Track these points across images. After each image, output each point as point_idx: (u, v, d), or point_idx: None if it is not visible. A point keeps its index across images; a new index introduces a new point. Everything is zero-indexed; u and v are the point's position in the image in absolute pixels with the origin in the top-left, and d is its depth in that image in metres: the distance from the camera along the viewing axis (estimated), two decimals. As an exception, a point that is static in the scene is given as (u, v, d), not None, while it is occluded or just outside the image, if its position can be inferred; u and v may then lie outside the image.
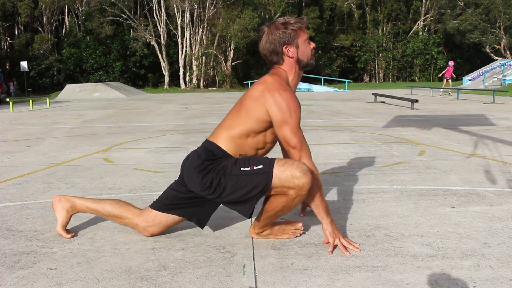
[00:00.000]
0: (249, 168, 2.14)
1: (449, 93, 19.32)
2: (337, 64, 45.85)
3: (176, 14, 36.39)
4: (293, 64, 2.29)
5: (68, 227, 2.58)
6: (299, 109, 2.21)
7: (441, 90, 19.57)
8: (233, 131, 2.24)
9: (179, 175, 2.36)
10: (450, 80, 21.62)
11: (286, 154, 2.55)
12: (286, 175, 2.09)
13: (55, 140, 6.75)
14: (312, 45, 2.33)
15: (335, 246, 2.18)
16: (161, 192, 3.38)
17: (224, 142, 2.24)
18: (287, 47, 2.26)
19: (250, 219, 2.49)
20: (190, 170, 2.23)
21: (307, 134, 6.74)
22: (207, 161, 2.20)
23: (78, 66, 37.98)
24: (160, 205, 2.34)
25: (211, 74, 37.65)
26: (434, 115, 9.92)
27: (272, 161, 2.15)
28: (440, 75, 22.65)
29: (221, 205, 2.28)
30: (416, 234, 2.39)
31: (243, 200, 2.17)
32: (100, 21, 36.98)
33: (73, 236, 2.44)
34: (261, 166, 2.13)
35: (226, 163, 2.18)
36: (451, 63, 21.93)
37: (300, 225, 2.41)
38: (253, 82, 2.50)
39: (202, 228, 2.45)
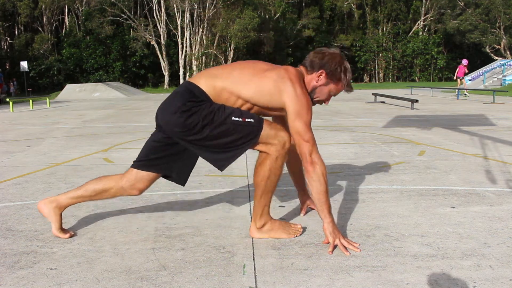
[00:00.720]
0: (240, 119, 2.16)
1: (465, 94, 18.12)
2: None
3: (176, 14, 36.41)
4: (311, 84, 2.33)
5: (67, 228, 2.58)
6: (311, 111, 2.25)
7: (457, 91, 17.98)
8: (225, 83, 2.21)
9: (156, 125, 2.34)
10: (463, 80, 20.23)
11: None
12: (271, 133, 2.20)
13: (55, 140, 6.75)
14: (328, 102, 2.42)
15: (335, 246, 2.18)
16: (161, 192, 3.40)
17: (207, 88, 2.20)
18: (325, 75, 2.30)
19: (250, 220, 2.49)
20: (171, 111, 2.18)
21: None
22: (190, 102, 2.16)
23: (78, 66, 38.00)
24: (140, 163, 2.35)
25: (211, 74, 37.61)
26: (434, 115, 9.92)
27: (261, 118, 2.23)
28: (455, 77, 20.92)
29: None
30: (416, 234, 2.39)
31: (227, 148, 2.19)
32: (100, 21, 37.00)
33: (71, 236, 2.44)
34: (252, 120, 2.18)
35: (214, 109, 2.16)
36: (464, 61, 20.09)
37: (299, 226, 2.43)
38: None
39: (183, 186, 2.45)
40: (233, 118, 2.15)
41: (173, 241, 2.35)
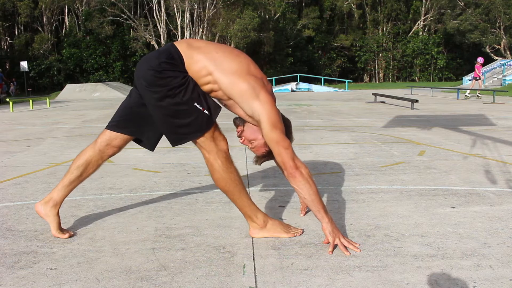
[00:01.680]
0: (200, 108, 2.20)
1: (477, 95, 17.07)
2: (337, 64, 45.88)
3: (176, 14, 36.40)
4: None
5: (67, 227, 2.58)
6: None
7: (468, 92, 16.88)
8: (203, 57, 2.21)
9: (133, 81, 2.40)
10: (479, 81, 18.78)
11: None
12: (216, 135, 2.27)
13: (55, 140, 6.75)
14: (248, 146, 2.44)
15: (335, 246, 2.18)
16: (161, 192, 3.40)
17: (186, 54, 2.21)
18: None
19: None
20: (147, 67, 2.21)
21: (307, 134, 6.76)
22: (165, 63, 2.18)
23: (78, 66, 37.99)
24: (112, 124, 2.44)
25: (211, 74, 37.63)
26: (434, 115, 9.92)
27: (215, 114, 2.27)
28: (471, 78, 19.46)
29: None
30: (416, 234, 2.39)
31: (177, 130, 2.24)
32: (100, 21, 36.99)
33: (71, 236, 2.44)
34: (208, 113, 2.23)
35: (183, 85, 2.17)
36: (480, 60, 18.70)
37: (299, 228, 2.46)
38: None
39: (152, 150, 2.54)
40: (195, 103, 2.19)
41: (173, 241, 2.35)
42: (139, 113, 2.37)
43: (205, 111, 2.21)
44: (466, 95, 16.90)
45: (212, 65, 2.21)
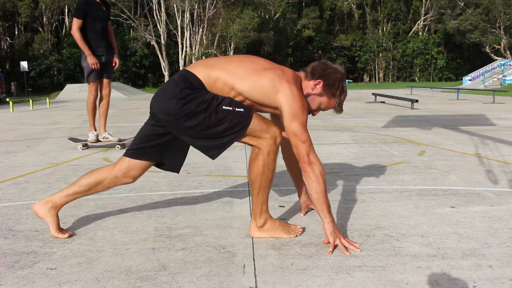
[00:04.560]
0: (231, 108, 2.18)
1: None
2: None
3: (176, 14, 36.41)
4: (305, 90, 2.33)
5: (67, 227, 2.58)
6: (307, 112, 2.26)
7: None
8: (220, 73, 2.21)
9: (150, 113, 2.36)
10: None
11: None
12: (263, 126, 2.22)
13: (55, 140, 6.75)
14: (315, 113, 2.43)
15: (335, 246, 2.18)
16: (161, 192, 3.40)
17: (203, 76, 2.21)
18: (322, 86, 2.32)
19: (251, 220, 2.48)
20: (167, 98, 2.19)
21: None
22: (186, 89, 2.17)
23: (78, 66, 37.95)
24: (132, 151, 2.37)
25: (211, 74, 37.66)
26: (434, 115, 9.92)
27: (251, 108, 2.24)
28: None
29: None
30: (416, 234, 2.39)
31: (218, 137, 2.20)
32: (100, 21, 36.95)
33: (70, 236, 2.44)
34: (242, 109, 2.20)
35: (209, 98, 2.17)
36: None
37: (299, 226, 2.45)
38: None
39: (177, 173, 2.48)
40: (223, 106, 2.17)
41: (173, 241, 2.35)
42: (159, 140, 2.32)
43: (237, 109, 2.19)
44: None
45: (230, 79, 2.21)
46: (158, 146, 2.34)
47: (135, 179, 2.41)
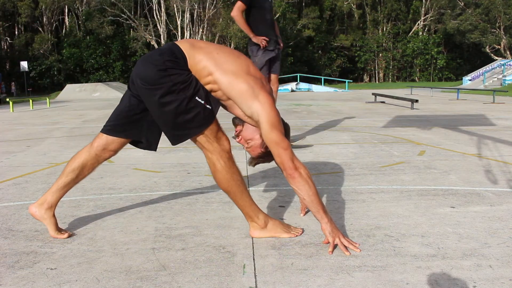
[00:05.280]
0: (202, 102, 2.19)
1: None
2: (337, 64, 45.90)
3: (176, 14, 36.43)
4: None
5: (67, 228, 2.58)
6: None
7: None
8: (204, 57, 2.21)
9: (128, 86, 2.37)
10: None
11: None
12: (219, 134, 2.28)
13: (55, 140, 6.75)
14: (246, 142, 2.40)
15: (335, 246, 2.18)
16: (161, 192, 3.40)
17: (188, 53, 2.21)
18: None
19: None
20: (149, 63, 2.19)
21: (307, 134, 6.76)
22: (169, 61, 2.17)
23: (78, 66, 38.02)
24: (108, 128, 2.40)
25: (211, 74, 37.67)
26: (434, 115, 9.92)
27: (217, 110, 2.27)
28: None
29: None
30: (416, 234, 2.39)
31: (181, 126, 2.21)
32: (100, 21, 37.02)
33: (70, 235, 2.44)
34: (210, 107, 2.22)
35: (186, 80, 2.16)
36: None
37: (299, 228, 2.46)
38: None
39: (155, 150, 2.49)
40: (197, 98, 2.18)
41: (173, 241, 2.35)
42: (136, 116, 2.35)
43: (207, 106, 2.20)
44: None
45: (213, 65, 2.21)
46: (135, 123, 2.36)
47: (116, 151, 2.46)
